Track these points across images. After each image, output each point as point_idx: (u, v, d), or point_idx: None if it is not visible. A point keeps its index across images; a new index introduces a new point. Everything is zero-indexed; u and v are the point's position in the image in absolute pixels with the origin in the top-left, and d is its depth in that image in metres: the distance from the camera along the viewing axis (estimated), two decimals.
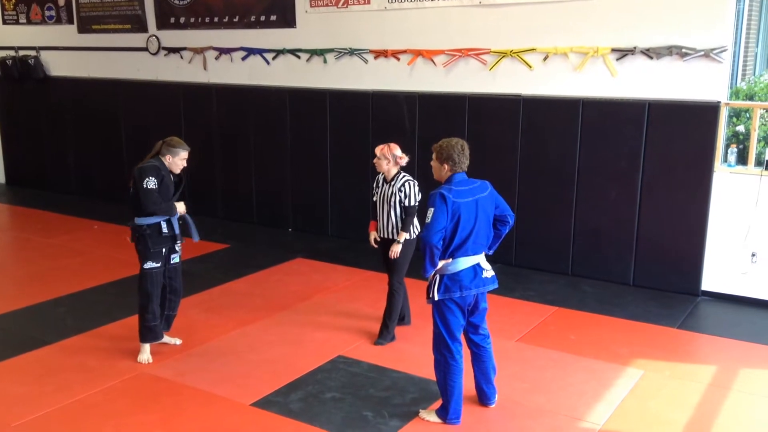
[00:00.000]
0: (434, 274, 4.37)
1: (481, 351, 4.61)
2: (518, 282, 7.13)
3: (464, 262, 4.34)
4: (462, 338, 4.52)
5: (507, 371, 5.15)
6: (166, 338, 5.72)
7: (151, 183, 5.18)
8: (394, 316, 5.72)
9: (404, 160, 5.59)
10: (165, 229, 5.34)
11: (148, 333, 5.45)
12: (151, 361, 5.42)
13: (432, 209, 4.23)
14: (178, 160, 5.33)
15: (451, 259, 4.32)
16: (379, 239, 5.71)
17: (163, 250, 5.39)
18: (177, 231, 5.42)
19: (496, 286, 4.52)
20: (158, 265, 5.38)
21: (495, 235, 4.53)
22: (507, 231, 4.58)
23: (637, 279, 7.06)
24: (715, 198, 6.60)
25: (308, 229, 9.08)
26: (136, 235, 5.33)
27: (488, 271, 4.45)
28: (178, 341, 5.75)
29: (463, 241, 4.29)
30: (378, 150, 5.58)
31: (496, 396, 4.74)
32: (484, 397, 4.72)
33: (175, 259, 5.52)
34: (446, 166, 4.39)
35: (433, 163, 4.49)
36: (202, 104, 9.60)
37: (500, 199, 4.53)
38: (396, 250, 5.52)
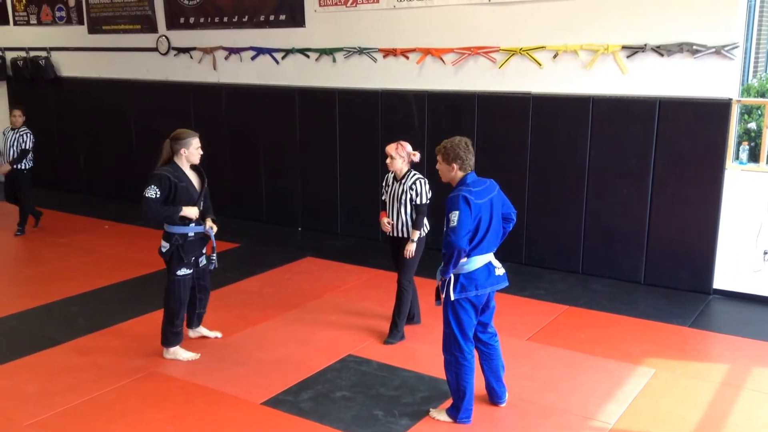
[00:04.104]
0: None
1: (490, 349, 4.61)
2: (528, 280, 7.11)
3: (478, 261, 4.33)
4: None
5: (517, 370, 5.14)
6: (206, 332, 5.81)
7: (151, 191, 5.05)
8: (403, 314, 5.71)
9: (417, 156, 5.57)
10: (191, 234, 5.28)
11: (176, 338, 5.46)
12: (197, 356, 5.46)
13: (457, 213, 4.18)
14: (192, 150, 5.21)
15: (466, 258, 4.31)
16: (391, 222, 5.66)
17: (193, 257, 5.36)
18: (211, 236, 5.38)
19: (507, 283, 4.51)
20: (190, 271, 5.37)
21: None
22: (511, 228, 4.58)
23: (648, 277, 7.03)
24: (726, 196, 6.56)
25: (317, 228, 9.09)
26: (172, 248, 5.22)
27: (499, 269, 4.45)
28: (219, 334, 5.82)
29: (480, 240, 4.29)
30: (392, 150, 5.53)
31: (507, 394, 4.73)
32: (494, 396, 4.71)
33: (202, 261, 5.53)
34: (455, 166, 4.37)
35: (440, 166, 4.44)
36: (212, 104, 9.62)
37: (505, 198, 4.54)
38: (411, 249, 5.51)
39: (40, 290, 7.02)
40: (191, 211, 5.21)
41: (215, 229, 5.41)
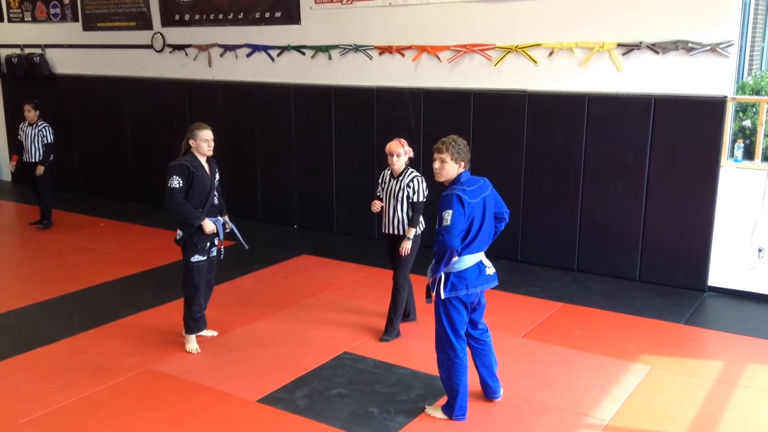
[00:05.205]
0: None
1: (481, 345, 4.62)
2: (524, 278, 7.12)
3: (469, 260, 4.33)
4: None
5: (513, 367, 5.15)
6: (202, 331, 5.80)
7: (175, 182, 5.21)
8: (399, 311, 5.72)
9: (411, 151, 5.60)
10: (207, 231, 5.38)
11: (195, 324, 5.56)
12: (199, 350, 5.51)
13: (450, 212, 4.15)
14: (200, 142, 5.35)
15: (457, 257, 4.31)
16: (382, 204, 5.62)
17: (207, 244, 5.46)
18: (221, 235, 5.49)
19: (497, 282, 4.53)
20: (204, 258, 5.46)
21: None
22: (503, 228, 4.59)
23: (643, 275, 7.04)
24: (721, 193, 6.58)
25: (313, 226, 9.08)
26: (184, 236, 5.34)
27: (490, 268, 4.46)
28: (215, 333, 5.83)
29: (472, 240, 4.29)
30: (396, 147, 5.47)
31: (501, 389, 4.74)
32: (489, 391, 4.72)
33: (213, 252, 5.58)
34: (462, 164, 4.35)
35: (446, 164, 4.32)
36: (207, 101, 9.60)
37: (498, 197, 4.53)
38: (406, 246, 5.51)
39: (35, 288, 7.01)
40: (209, 226, 5.33)
41: (228, 227, 5.60)
